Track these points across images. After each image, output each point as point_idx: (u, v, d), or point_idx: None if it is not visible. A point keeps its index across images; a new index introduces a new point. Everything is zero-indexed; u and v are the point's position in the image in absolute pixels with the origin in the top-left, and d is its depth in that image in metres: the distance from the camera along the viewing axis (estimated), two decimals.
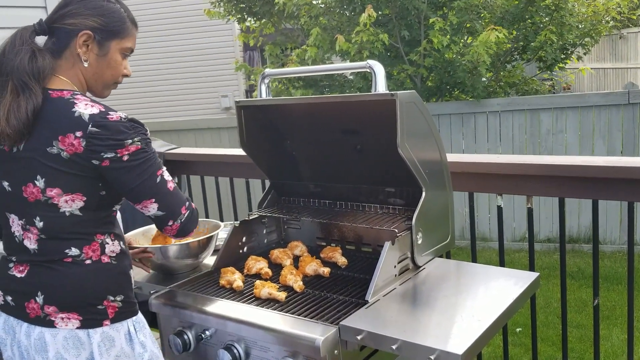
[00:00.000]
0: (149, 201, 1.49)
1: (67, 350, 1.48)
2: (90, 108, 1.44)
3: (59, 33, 1.51)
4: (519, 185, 2.20)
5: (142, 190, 1.48)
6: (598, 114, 5.65)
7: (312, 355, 1.51)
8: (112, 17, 1.53)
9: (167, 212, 1.52)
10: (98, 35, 1.51)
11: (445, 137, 6.04)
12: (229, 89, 10.69)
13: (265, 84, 2.08)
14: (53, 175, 1.44)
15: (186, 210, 1.55)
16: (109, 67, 1.56)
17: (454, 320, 1.58)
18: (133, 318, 1.57)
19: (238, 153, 2.76)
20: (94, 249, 1.52)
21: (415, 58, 6.26)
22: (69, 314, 1.48)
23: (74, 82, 1.53)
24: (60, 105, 1.45)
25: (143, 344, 1.56)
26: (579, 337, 4.09)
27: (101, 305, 1.51)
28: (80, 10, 1.50)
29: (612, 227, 5.67)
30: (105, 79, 1.58)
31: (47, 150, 1.43)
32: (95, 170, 1.45)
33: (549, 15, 6.43)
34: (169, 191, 1.52)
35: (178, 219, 1.54)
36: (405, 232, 1.86)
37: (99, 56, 1.54)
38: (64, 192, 1.46)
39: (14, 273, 1.54)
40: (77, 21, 1.49)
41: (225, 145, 6.70)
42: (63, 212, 1.48)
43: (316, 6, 6.80)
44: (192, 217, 1.58)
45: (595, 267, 2.14)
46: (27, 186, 1.47)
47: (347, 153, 2.14)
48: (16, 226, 1.53)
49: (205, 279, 2.00)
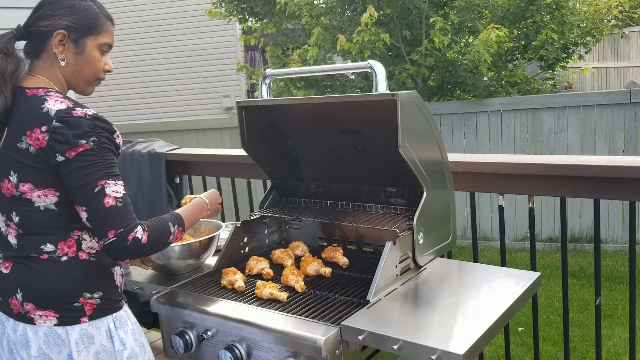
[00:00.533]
0: (80, 207, 1.44)
1: (49, 347, 1.49)
2: (59, 104, 1.45)
3: (35, 35, 1.54)
4: (520, 185, 2.20)
5: (77, 194, 1.43)
6: (600, 113, 5.64)
7: (314, 355, 1.51)
8: (85, 15, 1.54)
9: (94, 227, 1.43)
10: (72, 34, 1.53)
11: (447, 136, 6.04)
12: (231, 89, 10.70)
13: (267, 84, 2.08)
14: (24, 170, 1.46)
15: (114, 236, 1.41)
16: (87, 64, 1.57)
17: (455, 320, 1.58)
18: (113, 315, 1.56)
19: (239, 153, 2.76)
20: (69, 244, 1.52)
21: (416, 58, 6.26)
22: (45, 311, 1.49)
23: (53, 81, 1.55)
24: (33, 102, 1.48)
25: (122, 341, 1.55)
26: (581, 336, 4.08)
27: (77, 302, 1.51)
28: (52, 11, 1.52)
29: (614, 227, 5.66)
30: (86, 76, 1.59)
31: (17, 146, 1.46)
32: (53, 167, 1.45)
33: (550, 14, 6.42)
34: (102, 206, 1.41)
35: (102, 240, 1.42)
36: (407, 232, 1.86)
37: (76, 54, 1.55)
38: (36, 187, 1.47)
39: (1, 269, 1.56)
40: (50, 22, 1.52)
41: (226, 146, 6.70)
42: (37, 206, 1.48)
43: (317, 6, 6.80)
44: (121, 246, 1.42)
45: (597, 267, 2.14)
46: (3, 182, 1.50)
47: (348, 153, 2.14)
48: (1, 222, 1.56)
49: (206, 280, 2.00)
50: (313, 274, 1.98)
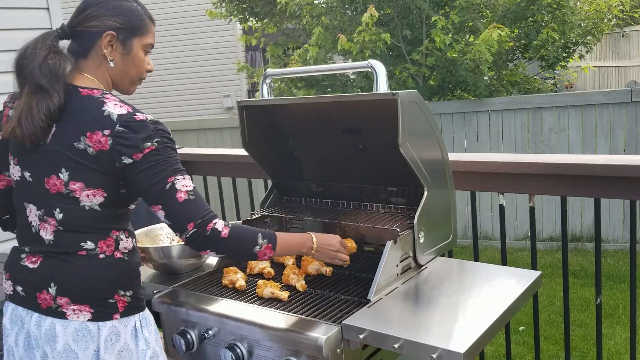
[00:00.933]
0: (156, 207, 1.48)
1: (76, 342, 1.49)
2: (119, 108, 1.47)
3: (83, 35, 1.55)
4: (521, 184, 2.20)
5: (150, 195, 1.47)
6: (600, 113, 5.64)
7: (315, 354, 1.52)
8: (132, 16, 1.57)
9: (173, 222, 1.48)
10: (121, 35, 1.56)
11: (447, 136, 6.04)
12: (232, 89, 10.71)
13: (267, 84, 2.09)
14: (77, 170, 1.48)
15: (194, 227, 1.46)
16: (134, 64, 1.61)
17: (456, 319, 1.59)
18: (140, 314, 1.59)
19: (240, 153, 2.77)
20: (108, 244, 1.54)
21: (417, 57, 6.26)
22: (80, 305, 1.50)
23: (100, 80, 1.57)
24: (90, 103, 1.49)
25: (147, 340, 1.58)
26: (582, 335, 4.09)
27: (112, 299, 1.53)
28: (100, 12, 1.54)
29: (614, 226, 5.66)
30: (131, 76, 1.62)
31: (74, 145, 1.47)
32: (115, 169, 1.48)
33: (550, 14, 6.42)
34: (177, 201, 1.46)
35: (183, 234, 1.47)
36: (407, 231, 1.86)
37: (124, 54, 1.58)
38: (87, 186, 1.49)
39: (26, 264, 1.56)
40: (99, 23, 1.54)
41: (227, 145, 6.71)
42: (83, 205, 1.50)
43: (318, 6, 6.80)
44: (201, 237, 1.47)
45: (597, 266, 2.14)
46: (50, 178, 1.50)
47: (349, 152, 2.14)
48: (33, 216, 1.55)
49: (208, 279, 2.01)
50: (314, 273, 1.98)
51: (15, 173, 1.58)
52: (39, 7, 3.61)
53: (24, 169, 1.56)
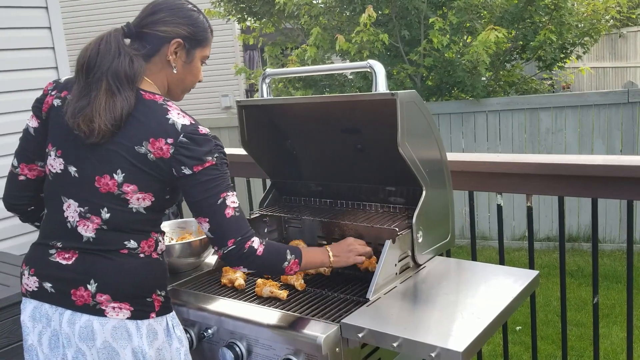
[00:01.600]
0: (203, 219, 1.51)
1: (115, 340, 1.49)
2: (183, 118, 1.50)
3: (151, 39, 1.57)
4: (518, 184, 2.21)
5: (200, 207, 1.50)
6: (597, 113, 5.66)
7: (314, 352, 1.52)
8: (199, 27, 1.61)
9: (215, 236, 1.52)
10: (187, 44, 1.59)
11: (445, 136, 6.05)
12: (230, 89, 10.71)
13: (267, 83, 2.09)
14: (134, 173, 1.48)
15: (234, 244, 1.50)
16: (191, 73, 1.64)
17: (454, 318, 1.60)
18: (170, 314, 1.61)
19: (239, 152, 2.77)
20: (149, 244, 1.56)
21: (415, 58, 6.27)
22: (121, 303, 1.50)
23: (158, 85, 1.59)
24: (154, 108, 1.50)
25: (180, 339, 1.60)
26: (579, 335, 4.10)
27: (150, 298, 1.54)
28: (172, 18, 1.56)
29: (611, 226, 5.68)
30: (186, 84, 1.66)
31: (135, 149, 1.47)
32: (171, 177, 1.50)
33: (548, 15, 6.44)
34: (224, 217, 1.50)
35: (222, 249, 1.51)
36: (406, 230, 1.87)
37: (186, 63, 1.61)
38: (139, 190, 1.50)
39: (57, 259, 1.54)
40: (169, 29, 1.56)
41: (225, 145, 6.62)
42: (131, 208, 1.51)
43: (316, 6, 6.81)
44: (238, 254, 1.51)
45: (594, 266, 2.15)
46: (103, 177, 1.50)
47: (347, 152, 2.15)
48: (72, 212, 1.54)
49: (207, 278, 2.01)
50: (313, 272, 1.99)
51: (56, 165, 1.55)
52: (37, 6, 3.61)
53: (70, 163, 1.53)
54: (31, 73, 3.50)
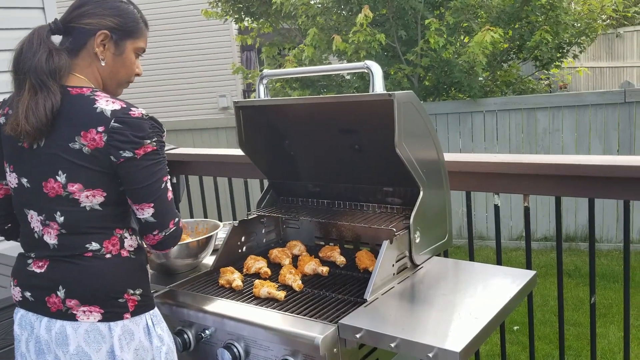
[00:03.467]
0: (147, 204, 1.50)
1: (88, 344, 1.49)
2: (112, 104, 1.47)
3: (76, 32, 1.55)
4: (515, 184, 2.22)
5: (147, 192, 1.48)
6: (594, 113, 5.67)
7: (312, 353, 1.52)
8: (128, 18, 1.58)
9: (158, 220, 1.51)
10: (115, 35, 1.56)
11: (443, 136, 6.05)
12: (227, 89, 10.70)
13: (264, 84, 2.09)
14: (74, 171, 1.47)
15: (174, 225, 1.54)
16: (124, 66, 1.61)
17: (451, 318, 1.60)
18: (150, 312, 1.59)
19: (236, 153, 2.77)
20: (113, 243, 1.54)
21: (412, 58, 6.28)
22: (90, 307, 1.50)
23: (91, 80, 1.57)
24: (81, 101, 1.48)
25: (161, 337, 1.58)
26: (576, 335, 4.11)
27: (122, 298, 1.53)
28: (97, 10, 1.54)
29: (608, 226, 5.69)
30: (120, 78, 1.62)
31: (70, 146, 1.46)
32: (112, 166, 1.47)
33: (544, 15, 6.45)
34: (167, 200, 1.52)
35: (163, 231, 1.53)
36: (403, 231, 1.87)
37: (115, 55, 1.58)
38: (85, 187, 1.48)
39: (33, 269, 1.55)
40: (94, 21, 1.53)
41: (223, 145, 6.70)
42: (84, 207, 1.50)
43: (313, 6, 6.80)
44: (176, 234, 1.56)
45: (591, 265, 2.16)
46: (48, 181, 1.49)
47: (345, 153, 2.15)
48: (35, 222, 1.55)
49: (204, 279, 2.01)
50: (310, 273, 1.99)
51: (12, 180, 1.57)
52: (34, 6, 3.60)
53: (21, 175, 1.54)
54: None
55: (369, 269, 1.95)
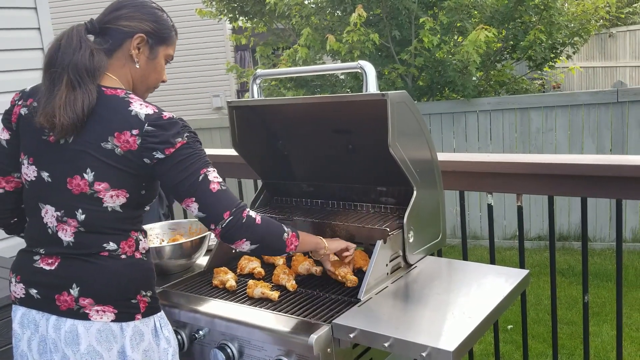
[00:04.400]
0: (189, 200, 1.49)
1: (99, 343, 1.48)
2: (146, 108, 1.48)
3: (113, 33, 1.56)
4: (509, 184, 2.22)
5: (183, 188, 1.48)
6: (587, 113, 5.69)
7: (305, 353, 1.52)
8: (163, 25, 1.62)
9: (208, 214, 1.49)
10: (151, 40, 1.59)
11: (436, 136, 6.07)
12: (221, 89, 10.68)
13: (257, 84, 2.09)
14: (103, 170, 1.47)
15: (230, 215, 1.48)
16: (155, 70, 1.64)
17: (445, 317, 1.60)
18: (158, 314, 1.59)
19: (230, 153, 2.76)
20: (130, 244, 1.54)
21: (406, 57, 6.29)
22: (104, 306, 1.49)
23: (122, 81, 1.58)
24: (116, 102, 1.49)
25: (168, 339, 1.59)
26: (570, 333, 4.12)
27: (135, 299, 1.52)
28: (135, 14, 1.57)
29: (601, 225, 5.72)
30: (149, 82, 1.65)
31: (102, 145, 1.46)
32: (145, 168, 1.48)
33: (538, 15, 6.47)
34: (210, 192, 1.48)
35: (219, 224, 1.49)
36: (397, 230, 1.88)
37: (149, 59, 1.61)
38: (112, 187, 1.48)
39: (41, 265, 1.54)
40: (132, 24, 1.56)
41: (217, 145, 6.69)
42: (106, 207, 1.50)
43: (307, 6, 6.80)
44: (238, 224, 1.49)
45: (584, 264, 2.17)
46: (74, 178, 1.48)
47: (339, 153, 2.15)
48: (50, 217, 1.53)
49: (198, 279, 2.01)
50: (304, 273, 1.99)
51: (30, 173, 1.55)
52: (26, 6, 3.59)
53: (42, 168, 1.53)
54: (20, 74, 3.48)
55: (362, 268, 1.95)
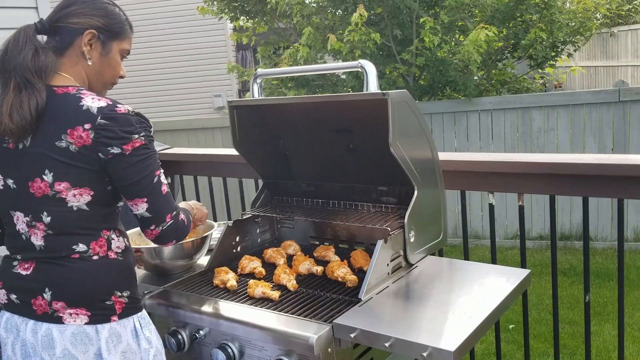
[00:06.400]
0: (141, 200, 1.49)
1: (75, 346, 1.48)
2: (98, 101, 1.47)
3: (63, 31, 1.55)
4: (510, 183, 2.22)
5: (138, 188, 1.48)
6: (589, 112, 5.68)
7: (306, 353, 1.52)
8: (114, 19, 1.59)
9: (153, 215, 1.51)
10: (102, 35, 1.57)
11: (438, 135, 6.06)
12: (222, 89, 10.68)
13: (258, 83, 2.09)
14: (62, 169, 1.46)
15: (171, 219, 1.53)
16: (110, 66, 1.62)
17: (446, 317, 1.60)
18: (138, 314, 1.58)
19: (231, 153, 2.76)
20: (100, 244, 1.53)
21: (407, 57, 6.28)
22: (77, 309, 1.49)
23: (77, 79, 1.56)
24: (67, 100, 1.48)
25: (149, 339, 1.57)
26: (571, 333, 4.12)
27: (109, 300, 1.51)
28: (84, 10, 1.55)
29: (603, 224, 5.71)
30: (105, 79, 1.63)
31: (56, 144, 1.45)
32: (100, 163, 1.47)
33: (538, 13, 6.46)
34: (161, 194, 1.51)
35: (160, 225, 1.52)
36: (398, 230, 1.87)
37: (102, 55, 1.59)
38: (72, 186, 1.47)
39: (18, 271, 1.54)
40: (82, 20, 1.54)
41: (218, 145, 6.69)
42: (70, 206, 1.49)
43: (308, 5, 6.80)
44: (175, 227, 1.55)
45: (586, 264, 2.16)
46: (34, 181, 1.48)
47: (339, 152, 2.15)
48: (21, 224, 1.53)
49: (199, 279, 2.01)
50: (305, 272, 1.99)
51: None
52: (27, 6, 3.59)
53: (7, 176, 1.53)
54: None
55: (363, 268, 1.94)
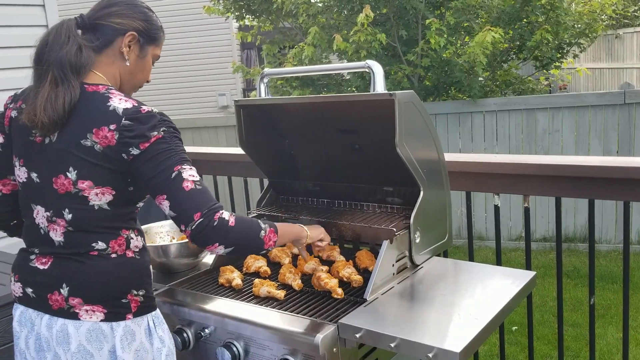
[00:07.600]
0: (161, 197, 1.45)
1: (90, 343, 1.48)
2: (125, 102, 1.47)
3: (105, 30, 1.56)
4: (515, 185, 2.22)
5: (155, 184, 1.44)
6: (594, 114, 5.67)
7: (311, 353, 1.52)
8: (153, 24, 1.63)
9: (178, 213, 1.43)
10: (142, 39, 1.60)
11: (442, 136, 6.05)
12: (227, 88, 10.70)
13: (264, 83, 2.09)
14: (85, 168, 1.46)
15: (201, 217, 1.41)
16: (143, 70, 1.64)
17: (451, 318, 1.60)
18: (152, 313, 1.58)
19: (236, 152, 2.77)
20: (119, 243, 1.53)
21: (412, 58, 6.28)
22: (93, 306, 1.49)
23: (109, 78, 1.57)
24: (96, 99, 1.48)
25: (162, 339, 1.58)
26: (575, 335, 4.11)
27: (125, 299, 1.52)
28: (127, 12, 1.57)
29: (607, 227, 5.69)
30: (136, 81, 1.65)
31: (81, 143, 1.45)
32: (124, 164, 1.46)
33: (544, 15, 6.45)
34: (183, 190, 1.42)
35: (189, 225, 1.42)
36: (404, 231, 1.87)
37: (139, 58, 1.61)
38: (95, 185, 1.47)
39: (36, 265, 1.54)
40: (125, 21, 1.56)
41: (222, 144, 6.70)
42: (92, 205, 1.49)
43: (314, 5, 6.80)
44: (209, 227, 1.42)
45: (591, 266, 2.16)
46: (58, 177, 1.48)
47: (345, 152, 2.15)
48: (41, 218, 1.54)
49: (204, 278, 2.01)
50: (310, 272, 1.99)
51: (22, 175, 1.56)
52: (35, 4, 3.60)
53: (31, 169, 1.53)
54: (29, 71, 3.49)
55: (368, 268, 1.94)
